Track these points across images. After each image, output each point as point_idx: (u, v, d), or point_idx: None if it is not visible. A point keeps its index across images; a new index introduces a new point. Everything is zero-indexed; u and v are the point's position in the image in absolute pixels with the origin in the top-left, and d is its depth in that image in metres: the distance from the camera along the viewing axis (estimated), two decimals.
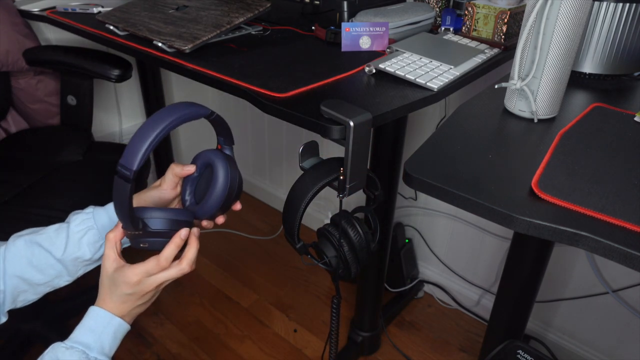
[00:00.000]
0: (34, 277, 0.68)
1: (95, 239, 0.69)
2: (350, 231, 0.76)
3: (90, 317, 0.64)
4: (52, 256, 0.67)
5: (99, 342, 0.62)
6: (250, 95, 0.77)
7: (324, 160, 0.76)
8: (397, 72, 0.80)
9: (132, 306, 0.65)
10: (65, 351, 0.61)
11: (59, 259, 0.68)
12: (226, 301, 1.63)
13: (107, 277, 0.64)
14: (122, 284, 0.63)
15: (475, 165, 0.60)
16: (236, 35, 1.03)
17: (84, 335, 0.62)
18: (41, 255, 0.67)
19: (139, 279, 0.63)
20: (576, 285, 1.31)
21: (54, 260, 0.68)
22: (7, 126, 1.40)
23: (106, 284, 0.64)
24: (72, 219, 0.70)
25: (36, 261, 0.67)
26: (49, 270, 0.68)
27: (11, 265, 0.67)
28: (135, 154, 0.55)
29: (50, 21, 1.20)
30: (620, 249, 0.47)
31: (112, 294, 0.64)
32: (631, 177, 0.57)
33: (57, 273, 0.69)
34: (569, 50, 0.66)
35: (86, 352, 0.61)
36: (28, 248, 0.67)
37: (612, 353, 1.31)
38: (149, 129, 0.57)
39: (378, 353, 1.46)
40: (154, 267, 0.63)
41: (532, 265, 0.89)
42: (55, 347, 0.62)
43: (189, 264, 0.66)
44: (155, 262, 0.63)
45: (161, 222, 0.63)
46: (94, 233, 0.69)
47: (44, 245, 0.67)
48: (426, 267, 1.67)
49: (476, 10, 0.97)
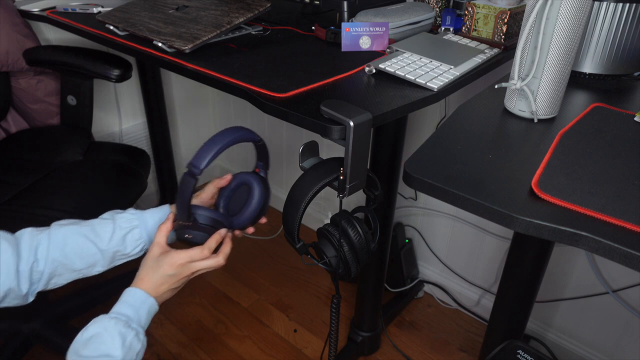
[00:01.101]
0: (74, 264, 0.74)
1: (137, 237, 0.78)
2: (350, 231, 0.76)
3: (129, 294, 0.71)
4: (96, 246, 0.75)
5: (137, 316, 0.69)
6: (250, 95, 0.77)
7: (323, 160, 0.76)
8: (397, 72, 0.80)
9: (166, 289, 0.73)
10: (109, 321, 0.67)
11: (101, 250, 0.75)
12: (226, 301, 1.63)
13: (152, 259, 0.73)
14: (166, 265, 0.72)
15: (475, 165, 0.60)
16: (236, 35, 1.03)
17: (125, 309, 0.69)
18: (85, 244, 0.74)
19: (182, 262, 0.72)
20: (576, 285, 1.31)
21: (95, 250, 0.75)
22: (7, 126, 1.40)
23: (149, 265, 0.73)
24: (118, 217, 0.78)
25: (79, 249, 0.74)
26: (89, 258, 0.75)
27: (54, 250, 0.73)
28: (204, 157, 0.68)
29: (50, 21, 1.20)
30: (620, 249, 0.47)
31: (153, 274, 0.72)
32: (631, 177, 0.57)
33: (95, 262, 0.76)
34: (569, 50, 0.66)
35: (128, 322, 0.68)
36: (73, 236, 0.74)
37: (612, 353, 1.31)
38: (217, 141, 0.70)
39: (378, 353, 1.46)
40: (197, 255, 0.73)
41: (532, 265, 0.89)
42: (99, 318, 0.67)
43: (224, 258, 0.76)
44: (199, 251, 0.74)
45: (208, 219, 0.76)
46: (138, 231, 0.78)
47: (88, 236, 0.75)
48: (426, 267, 1.67)
49: (476, 10, 0.97)
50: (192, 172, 0.69)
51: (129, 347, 0.66)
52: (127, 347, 0.66)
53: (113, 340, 0.65)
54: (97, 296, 1.53)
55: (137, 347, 0.68)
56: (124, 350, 0.65)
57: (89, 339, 0.65)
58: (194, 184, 0.70)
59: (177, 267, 0.73)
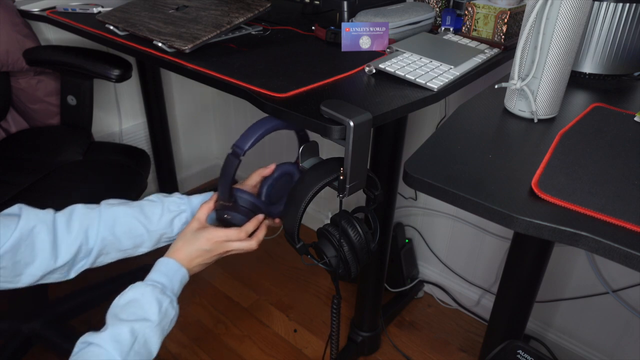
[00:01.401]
0: (122, 244, 0.77)
1: (184, 220, 0.81)
2: (350, 231, 0.76)
3: (163, 264, 0.73)
4: (145, 227, 0.78)
5: (171, 284, 0.72)
6: (250, 95, 0.76)
7: (323, 160, 0.76)
8: (397, 72, 0.80)
9: (199, 262, 0.76)
10: (146, 287, 0.69)
11: (149, 231, 0.78)
12: (226, 301, 1.63)
13: (190, 232, 0.76)
14: (203, 240, 0.75)
15: (475, 165, 0.60)
16: (236, 35, 1.03)
17: (160, 277, 0.71)
18: (134, 225, 0.77)
19: (219, 240, 0.75)
20: (576, 285, 1.31)
21: (144, 231, 0.78)
22: (7, 126, 1.40)
23: (187, 238, 0.76)
24: (167, 200, 0.81)
25: (128, 229, 0.77)
26: (137, 239, 0.78)
27: (104, 229, 0.75)
28: (248, 139, 0.71)
29: (50, 21, 1.20)
30: (620, 249, 0.47)
31: (189, 246, 0.75)
32: (631, 177, 0.57)
33: (142, 242, 0.79)
34: (569, 50, 0.66)
35: (163, 290, 0.70)
36: (122, 217, 0.76)
37: (612, 353, 1.31)
38: (261, 125, 0.73)
39: (378, 353, 1.46)
40: (234, 235, 0.76)
41: (532, 265, 0.89)
42: (136, 285, 0.69)
43: (257, 242, 0.79)
44: (236, 232, 0.76)
45: (248, 203, 0.78)
46: (185, 215, 0.81)
47: (138, 217, 0.77)
48: (426, 267, 1.67)
49: (476, 10, 0.97)
50: (236, 153, 0.72)
51: (164, 313, 0.68)
52: (162, 313, 0.68)
53: (150, 305, 0.67)
54: (97, 296, 1.53)
55: (172, 313, 0.70)
56: (160, 315, 0.67)
57: (127, 303, 0.67)
58: (237, 164, 0.72)
59: (214, 243, 0.75)
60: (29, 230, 0.69)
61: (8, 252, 0.67)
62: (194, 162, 2.15)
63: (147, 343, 0.66)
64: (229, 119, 2.08)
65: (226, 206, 0.77)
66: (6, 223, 0.68)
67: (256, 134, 0.72)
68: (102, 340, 0.62)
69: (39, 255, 0.70)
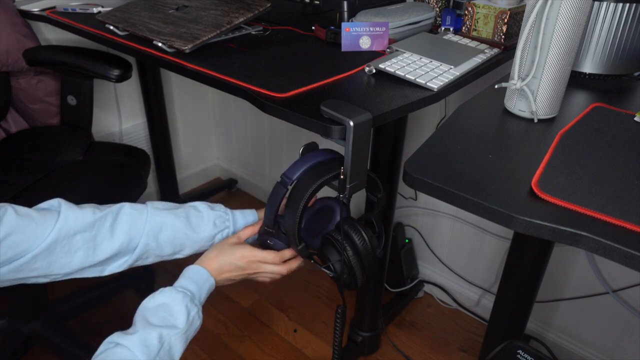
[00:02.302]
0: (163, 251, 0.77)
1: (225, 236, 0.81)
2: (355, 237, 0.75)
3: (194, 272, 0.73)
4: (188, 238, 0.78)
5: (199, 293, 0.72)
6: (250, 95, 0.76)
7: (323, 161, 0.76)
8: (397, 72, 0.80)
9: (228, 277, 0.76)
10: (177, 293, 0.68)
11: (192, 241, 0.78)
12: (226, 301, 1.63)
13: (228, 245, 0.77)
14: (238, 254, 0.76)
15: (475, 165, 0.60)
16: (236, 35, 1.03)
17: (190, 285, 0.71)
18: (179, 235, 0.77)
19: (254, 259, 0.76)
20: (576, 285, 1.31)
21: (186, 241, 0.78)
22: (7, 126, 1.40)
23: (223, 249, 0.76)
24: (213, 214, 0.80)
25: (173, 238, 0.77)
26: (178, 247, 0.78)
27: (149, 236, 0.75)
28: (297, 170, 0.73)
29: (50, 21, 1.20)
30: (620, 249, 0.47)
31: (222, 258, 0.76)
32: (631, 177, 0.57)
33: (181, 250, 0.79)
34: (569, 50, 0.66)
35: (192, 299, 0.70)
36: (168, 224, 0.76)
37: (612, 353, 1.31)
38: (312, 157, 0.75)
39: (378, 353, 1.46)
40: (270, 258, 0.77)
41: (532, 265, 0.89)
42: (167, 290, 0.69)
43: (288, 270, 0.80)
44: (273, 255, 0.78)
45: None
46: (228, 232, 0.82)
47: (184, 229, 0.77)
48: (426, 267, 1.67)
49: (476, 10, 0.97)
50: (284, 182, 0.74)
51: (191, 322, 0.68)
52: (189, 322, 0.68)
53: (180, 313, 0.67)
54: (97, 296, 1.54)
55: (197, 323, 0.70)
56: (187, 324, 0.67)
57: (157, 307, 0.67)
58: (284, 193, 0.74)
59: (248, 261, 0.76)
60: (67, 233, 0.68)
61: (44, 252, 0.66)
62: (194, 162, 2.15)
63: (172, 350, 0.66)
64: (229, 119, 2.08)
65: (269, 232, 0.79)
66: (44, 221, 0.67)
67: (306, 166, 0.74)
68: (131, 343, 0.62)
69: (75, 257, 0.69)
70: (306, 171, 0.73)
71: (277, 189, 0.75)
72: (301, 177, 0.73)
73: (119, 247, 0.72)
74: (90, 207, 0.72)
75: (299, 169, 0.73)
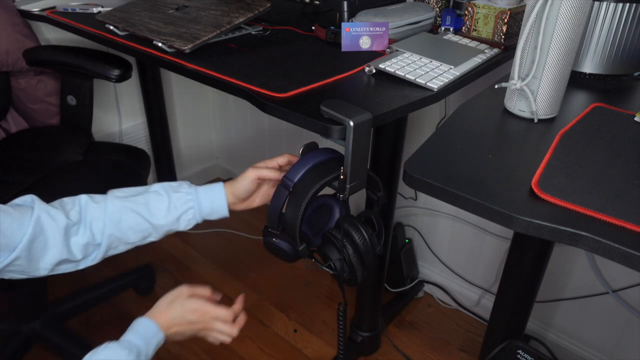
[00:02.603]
0: (128, 238, 0.76)
1: (191, 216, 0.79)
2: (355, 235, 0.75)
3: (142, 325, 0.71)
4: (150, 223, 0.76)
5: (146, 349, 0.70)
6: (250, 95, 0.77)
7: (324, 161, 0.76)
8: (397, 72, 0.80)
9: (177, 331, 0.75)
10: (122, 350, 0.67)
11: (154, 225, 0.76)
12: (226, 301, 1.62)
13: (181, 297, 0.76)
14: (190, 309, 0.75)
15: (475, 165, 0.60)
16: (236, 35, 1.03)
17: (137, 340, 0.69)
18: (139, 221, 0.75)
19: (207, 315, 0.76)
20: (576, 285, 1.31)
21: (149, 226, 0.76)
22: (7, 126, 1.40)
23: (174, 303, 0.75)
24: (174, 196, 0.77)
25: (134, 225, 0.75)
26: (143, 232, 0.77)
27: (110, 226, 0.74)
28: (298, 171, 0.73)
29: (50, 21, 1.20)
30: (620, 249, 0.47)
31: (172, 312, 0.74)
32: (631, 177, 0.57)
33: (148, 235, 0.77)
34: (569, 50, 0.66)
35: (139, 355, 0.68)
36: (127, 213, 0.75)
37: (612, 353, 1.31)
38: (310, 159, 0.75)
39: (378, 353, 1.46)
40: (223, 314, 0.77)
41: (532, 265, 0.89)
42: (111, 345, 0.67)
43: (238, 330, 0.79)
44: (226, 312, 0.77)
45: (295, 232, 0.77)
46: (193, 212, 0.79)
47: (142, 214, 0.75)
48: (426, 267, 1.67)
49: (476, 10, 0.97)
50: (286, 184, 0.73)
51: None
52: None
53: None
54: (96, 296, 1.53)
55: None
56: None
57: None
58: (287, 195, 0.74)
59: (200, 315, 0.75)
60: (42, 228, 0.68)
61: (24, 249, 0.66)
62: (194, 162, 2.15)
63: None
64: (229, 119, 2.08)
65: (273, 233, 0.79)
66: (20, 218, 0.67)
67: (306, 167, 0.74)
68: None
69: (52, 249, 0.69)
70: (307, 172, 0.73)
71: (279, 191, 0.75)
72: (302, 178, 0.73)
73: (87, 240, 0.72)
74: (57, 201, 0.74)
75: (300, 170, 0.73)
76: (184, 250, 1.83)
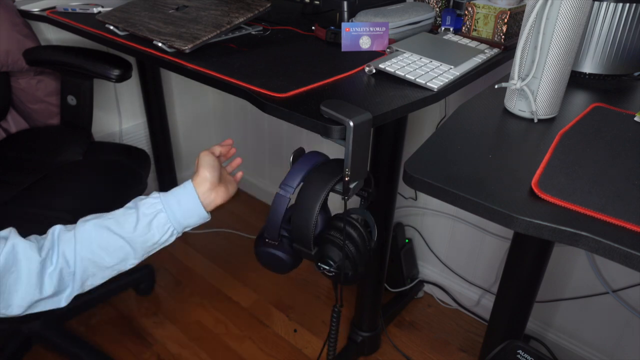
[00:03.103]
0: (104, 260, 0.71)
1: (164, 221, 0.74)
2: (354, 233, 0.75)
3: None
4: (122, 238, 0.71)
5: None
6: (250, 95, 0.76)
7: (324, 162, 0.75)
8: (397, 72, 0.80)
9: None
10: None
11: (128, 240, 0.71)
12: (226, 301, 1.63)
13: None
14: None
15: (475, 165, 0.60)
16: (236, 35, 1.03)
17: None
18: (110, 237, 0.71)
19: None
20: (576, 285, 1.31)
21: (123, 242, 0.71)
22: (7, 126, 1.40)
23: None
24: (140, 204, 0.74)
25: (105, 243, 0.71)
26: (118, 252, 0.72)
27: (82, 248, 0.70)
28: (295, 177, 0.73)
29: (50, 21, 1.20)
30: (620, 249, 0.47)
31: None
32: (631, 177, 0.57)
33: (125, 255, 0.73)
34: (569, 50, 0.66)
35: None
36: (97, 231, 0.71)
37: (612, 353, 1.31)
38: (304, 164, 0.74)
39: (378, 353, 1.46)
40: None
41: (532, 265, 0.89)
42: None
43: None
44: None
45: None
46: (163, 216, 0.74)
47: (112, 229, 0.71)
48: (426, 267, 1.67)
49: (476, 10, 0.97)
50: (287, 191, 0.72)
51: None
52: None
53: None
54: (97, 296, 1.53)
55: None
56: None
57: None
58: (287, 203, 0.73)
59: None
60: (15, 256, 0.65)
61: None
62: (193, 162, 2.15)
63: None
64: (229, 119, 2.08)
65: (272, 245, 0.78)
66: None
67: (303, 172, 0.73)
68: None
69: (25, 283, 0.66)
70: (307, 176, 0.72)
71: (278, 199, 0.72)
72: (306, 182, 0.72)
73: (60, 269, 0.68)
74: (33, 236, 0.70)
75: (298, 175, 0.72)
76: (184, 250, 1.83)
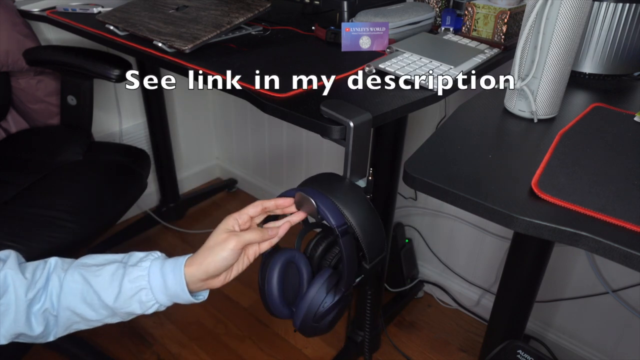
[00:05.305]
0: (87, 314, 0.67)
1: (147, 299, 0.67)
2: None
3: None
4: (103, 302, 0.66)
5: None
6: (250, 96, 0.76)
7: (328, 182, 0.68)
8: (397, 72, 0.80)
9: None
10: None
11: (109, 306, 0.67)
12: (226, 301, 1.63)
13: None
14: None
15: (475, 165, 0.60)
16: (236, 35, 1.03)
17: None
18: (94, 297, 0.66)
19: None
20: (576, 285, 1.31)
21: (105, 305, 0.67)
22: (7, 126, 1.40)
23: None
24: (128, 271, 0.67)
25: (90, 300, 0.66)
26: (101, 310, 0.67)
27: (66, 298, 0.66)
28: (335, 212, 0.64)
29: (50, 21, 1.20)
30: (620, 249, 0.47)
31: None
32: (631, 177, 0.57)
33: (108, 314, 0.68)
34: (569, 50, 0.66)
35: None
36: (84, 285, 0.66)
37: (612, 353, 1.31)
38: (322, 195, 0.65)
39: (378, 353, 1.46)
40: None
41: (532, 265, 0.89)
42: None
43: None
44: None
45: None
46: (146, 293, 0.67)
47: (96, 290, 0.66)
48: (426, 267, 1.67)
49: (476, 10, 0.97)
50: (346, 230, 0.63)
51: None
52: None
53: None
54: None
55: None
56: None
57: None
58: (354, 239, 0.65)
59: None
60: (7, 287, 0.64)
61: None
62: (194, 162, 2.15)
63: None
64: (229, 119, 2.08)
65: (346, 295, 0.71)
66: None
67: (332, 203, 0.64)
68: None
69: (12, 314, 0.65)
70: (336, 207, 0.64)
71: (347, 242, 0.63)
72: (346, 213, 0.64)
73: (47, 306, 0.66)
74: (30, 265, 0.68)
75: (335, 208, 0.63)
76: (184, 250, 1.83)
